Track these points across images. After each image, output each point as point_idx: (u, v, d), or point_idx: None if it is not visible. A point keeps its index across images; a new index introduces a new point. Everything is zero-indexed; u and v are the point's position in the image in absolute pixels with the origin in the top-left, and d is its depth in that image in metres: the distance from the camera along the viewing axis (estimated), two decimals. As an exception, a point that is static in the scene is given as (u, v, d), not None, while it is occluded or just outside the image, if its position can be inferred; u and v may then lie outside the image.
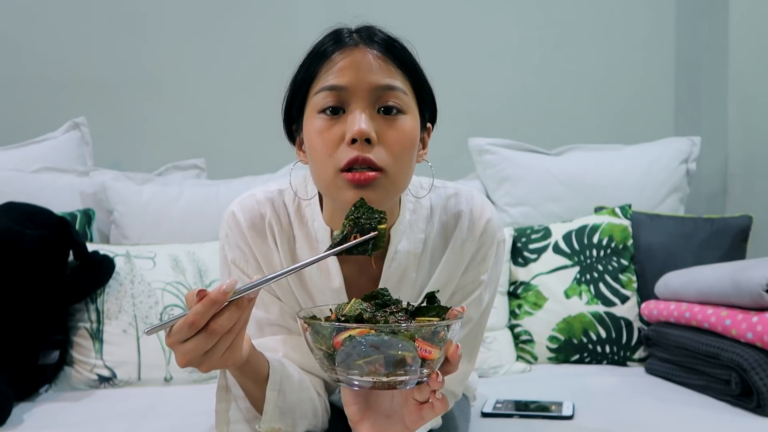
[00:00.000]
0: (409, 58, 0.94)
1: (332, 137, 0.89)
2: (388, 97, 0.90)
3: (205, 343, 0.73)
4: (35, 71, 2.22)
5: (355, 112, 0.88)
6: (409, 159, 0.92)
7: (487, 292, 1.08)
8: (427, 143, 1.00)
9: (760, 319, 1.31)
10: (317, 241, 1.02)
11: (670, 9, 2.39)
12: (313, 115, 0.91)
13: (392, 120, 0.90)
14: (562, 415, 1.30)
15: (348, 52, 0.90)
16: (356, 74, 0.89)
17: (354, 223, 0.82)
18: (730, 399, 1.35)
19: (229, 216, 1.04)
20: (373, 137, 0.87)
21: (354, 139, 0.87)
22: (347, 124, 0.88)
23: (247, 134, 2.28)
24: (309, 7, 2.27)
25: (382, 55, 0.91)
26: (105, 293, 1.62)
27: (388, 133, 0.89)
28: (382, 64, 0.90)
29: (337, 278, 1.01)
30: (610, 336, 1.74)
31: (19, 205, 1.58)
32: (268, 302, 1.04)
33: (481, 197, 1.08)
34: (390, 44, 0.92)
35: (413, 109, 0.93)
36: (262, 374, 0.91)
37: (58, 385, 1.57)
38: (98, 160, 2.14)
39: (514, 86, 2.37)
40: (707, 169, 2.29)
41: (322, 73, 0.91)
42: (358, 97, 0.89)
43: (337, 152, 0.88)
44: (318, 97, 0.90)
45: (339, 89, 0.89)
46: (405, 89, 0.92)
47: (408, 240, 1.02)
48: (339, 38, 0.92)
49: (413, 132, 0.92)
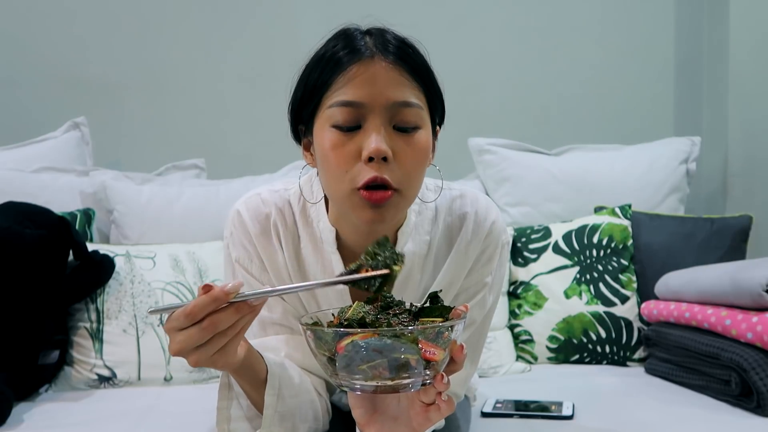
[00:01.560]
0: (423, 64, 0.93)
1: (347, 153, 0.88)
2: (405, 114, 0.89)
3: (198, 336, 0.73)
4: (35, 71, 2.22)
5: (371, 129, 0.87)
6: (421, 173, 0.93)
7: (491, 294, 1.08)
8: (435, 146, 1.00)
9: (760, 319, 1.31)
10: (322, 241, 1.02)
11: (670, 9, 2.39)
12: (327, 127, 0.89)
13: (408, 137, 0.89)
14: (562, 415, 1.30)
15: (364, 64, 0.88)
16: (373, 89, 0.87)
17: (371, 257, 0.81)
18: (730, 399, 1.35)
19: (234, 215, 1.04)
20: (389, 155, 0.87)
21: (371, 157, 0.86)
22: (364, 141, 0.87)
23: (247, 134, 2.28)
24: (310, 7, 2.27)
25: (397, 65, 0.89)
26: (105, 293, 1.62)
27: (405, 151, 0.89)
28: (397, 77, 0.89)
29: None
30: (610, 336, 1.74)
31: (19, 205, 1.58)
32: (272, 302, 1.04)
33: (486, 199, 1.08)
34: (404, 52, 0.91)
35: (427, 122, 0.93)
36: (260, 377, 0.91)
37: (58, 385, 1.57)
38: (98, 160, 2.14)
39: (514, 86, 2.37)
40: (707, 169, 2.29)
41: (337, 83, 0.89)
42: (375, 113, 0.88)
43: (353, 169, 0.88)
44: (333, 110, 0.88)
45: (355, 105, 0.87)
46: (420, 103, 0.91)
47: (413, 242, 1.02)
48: (352, 45, 0.90)
49: (427, 147, 0.92)
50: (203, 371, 1.61)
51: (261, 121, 2.22)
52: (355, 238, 1.00)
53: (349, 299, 1.03)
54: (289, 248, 1.03)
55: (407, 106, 0.89)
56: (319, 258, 1.02)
